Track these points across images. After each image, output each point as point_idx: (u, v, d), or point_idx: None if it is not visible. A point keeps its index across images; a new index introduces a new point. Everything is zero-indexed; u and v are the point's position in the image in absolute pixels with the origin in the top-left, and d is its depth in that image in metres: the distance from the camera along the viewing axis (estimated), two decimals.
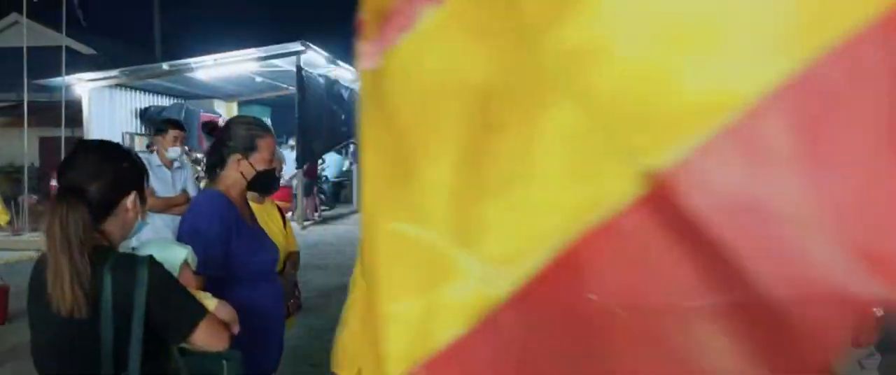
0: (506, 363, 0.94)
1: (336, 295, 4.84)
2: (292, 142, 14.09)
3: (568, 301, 0.88)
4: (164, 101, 15.56)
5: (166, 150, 4.43)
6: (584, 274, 0.86)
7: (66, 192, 1.55)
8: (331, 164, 16.56)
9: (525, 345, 0.93)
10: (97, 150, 1.67)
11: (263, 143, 2.28)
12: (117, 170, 1.62)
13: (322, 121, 13.62)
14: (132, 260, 1.58)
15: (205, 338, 1.64)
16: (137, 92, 14.81)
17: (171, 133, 4.44)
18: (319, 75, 13.86)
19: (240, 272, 2.08)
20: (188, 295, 1.67)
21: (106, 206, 1.60)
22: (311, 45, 12.50)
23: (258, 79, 15.25)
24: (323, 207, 15.38)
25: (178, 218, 4.21)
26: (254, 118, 2.40)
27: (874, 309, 3.02)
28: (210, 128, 2.49)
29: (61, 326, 1.53)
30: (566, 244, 0.86)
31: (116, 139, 9.58)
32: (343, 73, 15.55)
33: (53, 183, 3.67)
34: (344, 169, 17.84)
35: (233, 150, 2.25)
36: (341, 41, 15.27)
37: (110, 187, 1.59)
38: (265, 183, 2.33)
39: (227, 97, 17.52)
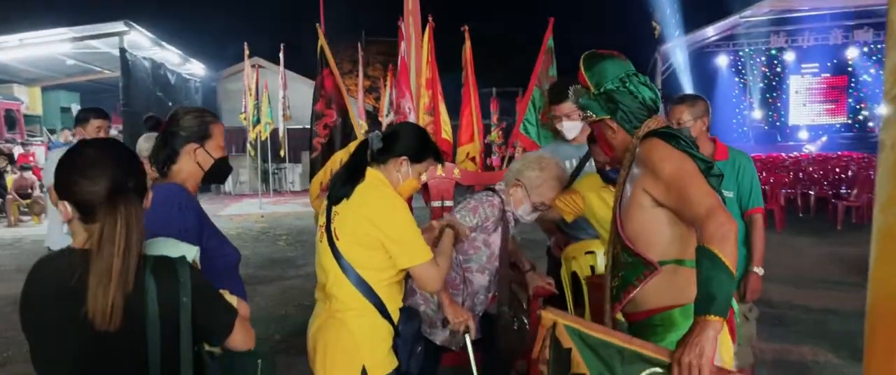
0: None
1: None
2: (113, 131, 13.02)
3: None
4: None
5: None
6: None
7: (121, 190, 1.41)
8: None
9: None
10: (110, 146, 1.50)
11: (216, 129, 2.23)
12: (140, 163, 1.51)
13: (150, 108, 12.72)
14: (170, 261, 1.49)
15: (240, 338, 1.61)
16: None
17: (94, 122, 3.95)
18: (144, 58, 12.91)
19: (211, 268, 2.00)
20: (222, 295, 1.61)
21: (142, 202, 1.49)
22: (134, 24, 11.60)
23: (70, 61, 13.88)
24: None
25: None
26: (199, 107, 2.33)
27: (758, 271, 3.52)
28: (154, 122, 2.37)
29: (95, 337, 1.39)
30: None
31: None
32: (169, 56, 14.63)
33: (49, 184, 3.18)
34: None
35: (186, 140, 2.15)
36: (167, 21, 14.36)
37: (143, 181, 1.49)
38: (222, 170, 2.26)
39: (28, 81, 15.71)
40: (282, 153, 15.48)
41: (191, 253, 1.68)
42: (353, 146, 3.59)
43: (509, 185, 2.94)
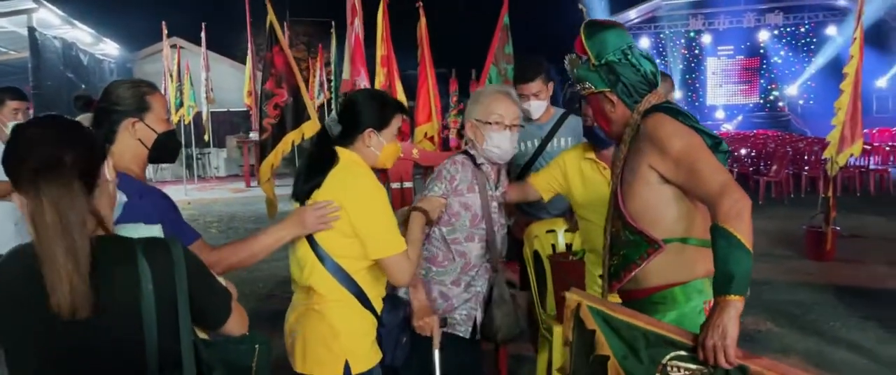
0: None
1: None
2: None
3: None
4: None
5: (5, 126, 3.63)
6: None
7: (43, 168, 1.24)
8: None
9: None
10: (53, 120, 1.35)
11: (155, 100, 1.98)
12: (88, 133, 1.35)
13: (61, 92, 11.95)
14: (162, 242, 1.36)
15: (235, 322, 1.50)
16: None
17: (11, 104, 3.67)
18: (55, 37, 12.09)
19: None
20: (216, 277, 1.49)
21: (91, 178, 1.32)
22: (44, 1, 10.85)
23: None
24: None
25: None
26: (133, 78, 2.11)
27: None
28: (84, 101, 2.14)
29: (75, 331, 1.26)
30: None
31: None
32: (81, 36, 13.77)
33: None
34: None
35: (123, 115, 1.93)
36: None
37: (90, 153, 1.32)
38: (169, 146, 2.06)
39: None
40: (206, 137, 14.90)
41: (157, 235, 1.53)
42: (305, 127, 3.44)
43: (467, 134, 2.66)
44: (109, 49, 15.62)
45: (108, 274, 1.30)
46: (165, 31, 15.21)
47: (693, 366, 1.67)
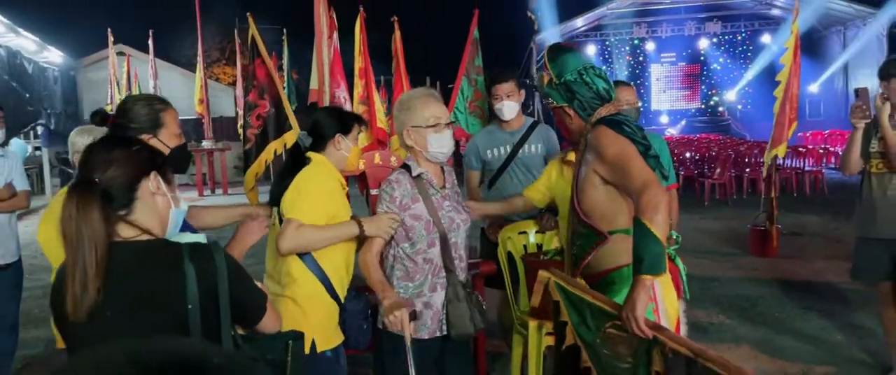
0: None
1: None
2: None
3: None
4: None
5: None
6: None
7: (75, 185, 1.44)
8: (16, 150, 14.18)
9: None
10: (103, 142, 1.54)
11: (169, 117, 2.17)
12: (127, 154, 1.51)
13: (7, 100, 11.64)
14: (206, 246, 1.51)
15: (270, 320, 1.64)
16: None
17: None
18: None
19: None
20: (252, 280, 1.63)
21: (126, 192, 1.48)
22: None
23: None
24: None
25: (2, 217, 3.52)
26: (147, 94, 2.26)
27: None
28: (101, 116, 2.25)
29: (122, 325, 1.39)
30: None
31: None
32: (25, 43, 13.42)
33: None
34: (26, 154, 15.40)
35: (138, 132, 2.08)
36: (23, 5, 13.12)
37: (122, 172, 1.48)
38: (181, 159, 2.20)
39: None
40: None
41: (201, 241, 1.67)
42: (288, 136, 3.56)
43: (406, 142, 2.65)
44: (53, 57, 15.24)
45: (154, 275, 1.44)
46: (111, 39, 14.96)
47: (623, 333, 2.07)
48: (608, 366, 2.15)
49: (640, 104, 3.62)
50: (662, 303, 2.29)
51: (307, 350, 2.31)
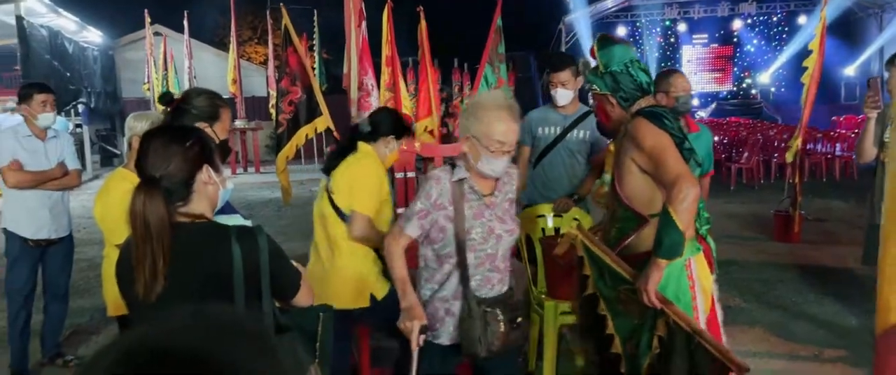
0: None
1: None
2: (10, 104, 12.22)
3: None
4: None
5: (36, 118, 3.82)
6: None
7: (141, 185, 1.63)
8: (59, 128, 14.65)
9: None
10: (161, 136, 1.72)
11: (225, 113, 2.40)
12: (183, 151, 1.68)
13: (48, 80, 12.01)
14: (249, 229, 1.72)
15: (304, 295, 1.85)
16: None
17: (38, 97, 3.83)
18: (42, 26, 12.15)
19: None
20: (290, 260, 1.84)
21: (184, 187, 1.68)
22: None
23: None
24: None
25: (55, 195, 3.80)
26: (209, 90, 2.47)
27: None
28: (168, 99, 2.47)
29: (173, 301, 1.58)
30: None
31: None
32: (66, 24, 13.80)
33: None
34: (69, 132, 15.90)
35: (197, 118, 2.30)
36: None
37: (180, 169, 1.67)
38: (223, 153, 2.40)
39: None
40: None
41: (247, 224, 1.88)
42: (318, 122, 3.76)
43: (462, 147, 2.51)
44: (92, 37, 15.63)
45: (208, 253, 1.66)
46: (148, 19, 15.30)
47: (635, 297, 2.38)
48: (619, 317, 2.52)
49: (691, 89, 3.75)
50: (699, 281, 2.53)
51: (368, 304, 2.91)
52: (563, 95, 3.79)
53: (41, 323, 4.12)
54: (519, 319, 2.53)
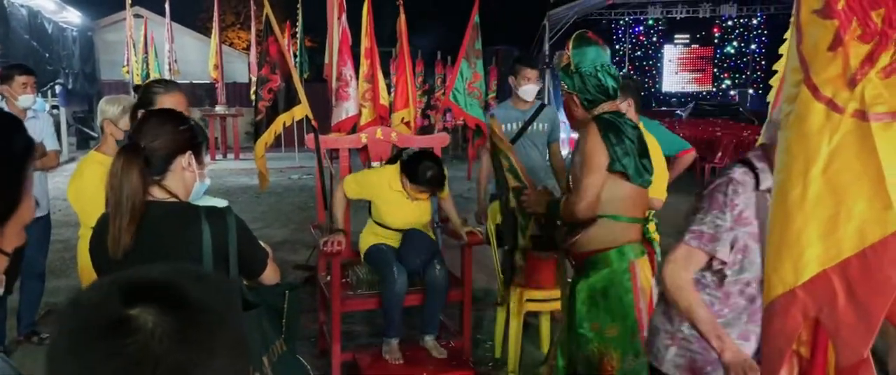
0: None
1: None
2: None
3: None
4: None
5: (16, 99, 3.83)
6: None
7: (123, 148, 1.74)
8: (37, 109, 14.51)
9: None
10: (162, 115, 1.85)
11: (170, 99, 2.44)
12: (174, 130, 1.80)
13: (28, 60, 11.91)
14: (219, 209, 1.82)
15: (270, 273, 1.96)
16: None
17: (19, 79, 3.84)
18: (21, 5, 12.03)
19: None
20: (257, 240, 1.93)
21: (163, 163, 1.77)
22: None
23: None
24: None
25: (34, 175, 3.82)
26: (158, 79, 2.55)
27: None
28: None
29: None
30: None
31: None
32: (45, 3, 13.65)
33: None
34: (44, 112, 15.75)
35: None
36: None
37: (164, 146, 1.77)
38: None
39: None
40: None
41: (222, 204, 1.97)
42: (296, 110, 3.85)
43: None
44: (72, 17, 15.47)
45: (177, 231, 1.74)
46: (129, 1, 15.17)
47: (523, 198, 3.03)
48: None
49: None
50: (640, 282, 2.58)
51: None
52: (530, 90, 4.05)
53: (17, 302, 4.17)
54: None
